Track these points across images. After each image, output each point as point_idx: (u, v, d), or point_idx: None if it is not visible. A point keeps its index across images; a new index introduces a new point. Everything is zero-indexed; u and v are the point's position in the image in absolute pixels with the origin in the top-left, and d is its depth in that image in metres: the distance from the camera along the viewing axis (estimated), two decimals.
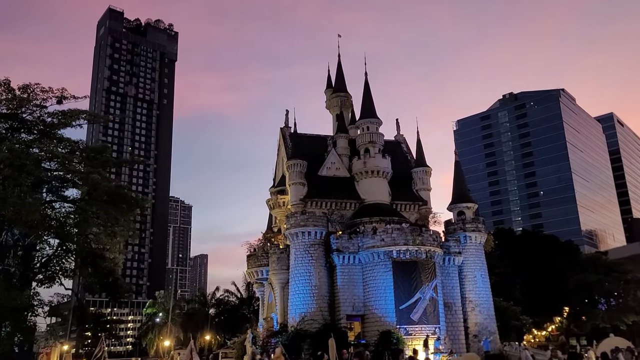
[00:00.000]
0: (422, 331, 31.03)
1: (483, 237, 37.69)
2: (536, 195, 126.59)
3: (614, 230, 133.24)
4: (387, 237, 32.80)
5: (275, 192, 42.13)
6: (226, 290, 64.82)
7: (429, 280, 32.32)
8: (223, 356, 41.83)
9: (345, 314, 33.03)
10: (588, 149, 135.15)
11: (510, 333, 42.70)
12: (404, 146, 44.58)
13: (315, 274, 33.52)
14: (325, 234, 34.70)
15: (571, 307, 55.23)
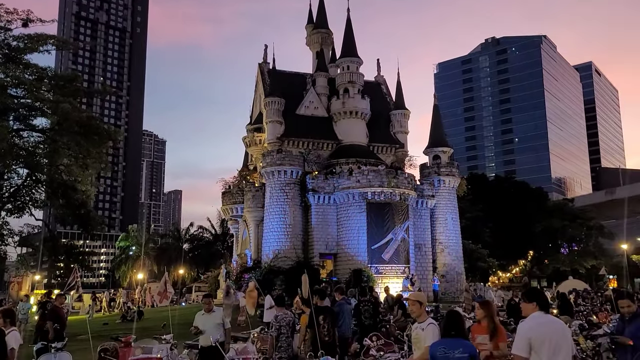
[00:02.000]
0: (392, 270, 31.86)
1: (456, 181, 38.16)
2: (511, 142, 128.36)
3: (582, 179, 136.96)
4: (363, 179, 32.89)
5: (252, 129, 41.48)
6: (200, 227, 65.08)
7: (401, 221, 32.81)
8: (196, 290, 42.45)
9: (319, 252, 33.56)
10: (565, 97, 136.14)
11: (476, 274, 44.26)
12: (384, 87, 43.97)
13: (290, 212, 33.64)
14: (301, 174, 34.57)
15: (536, 251, 57.35)
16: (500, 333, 6.42)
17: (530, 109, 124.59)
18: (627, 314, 6.42)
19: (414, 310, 6.11)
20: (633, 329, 6.14)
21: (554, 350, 4.92)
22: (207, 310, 9.00)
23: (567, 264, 55.21)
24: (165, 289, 7.95)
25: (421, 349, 5.73)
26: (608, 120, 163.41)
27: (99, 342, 9.36)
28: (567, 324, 7.81)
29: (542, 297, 5.34)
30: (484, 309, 6.66)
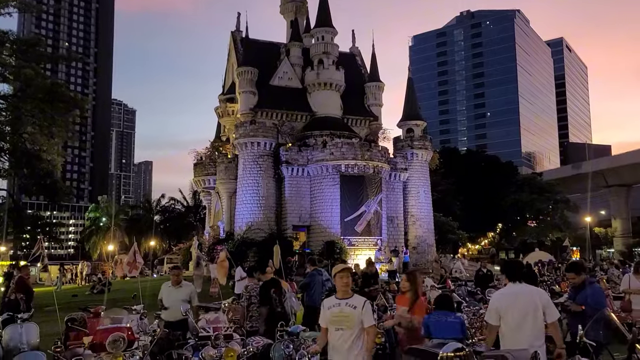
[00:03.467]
0: (365, 242, 32.18)
1: (429, 154, 38.45)
2: (483, 117, 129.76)
3: (550, 153, 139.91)
4: (337, 151, 32.83)
5: (225, 99, 40.75)
6: (172, 198, 64.26)
7: (374, 194, 33.00)
8: (168, 262, 42.20)
9: (292, 224, 33.58)
10: (536, 72, 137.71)
11: (446, 246, 45.09)
12: (359, 59, 43.57)
13: (263, 184, 33.45)
14: (274, 145, 34.28)
15: (504, 224, 58.68)
16: (419, 306, 6.32)
17: (502, 84, 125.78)
18: (575, 284, 6.73)
19: (348, 283, 5.33)
20: (581, 297, 6.48)
21: (521, 318, 5.18)
22: (175, 283, 8.43)
23: (534, 236, 56.71)
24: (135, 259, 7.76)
25: (351, 328, 5.14)
26: (577, 96, 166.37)
27: (67, 314, 9.17)
28: None
29: (510, 269, 5.65)
30: (410, 280, 6.49)
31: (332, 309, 5.27)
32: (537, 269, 26.32)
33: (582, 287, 6.68)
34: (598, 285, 7.15)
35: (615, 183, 69.06)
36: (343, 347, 5.17)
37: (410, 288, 6.36)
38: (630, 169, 66.46)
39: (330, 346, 5.31)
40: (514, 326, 5.21)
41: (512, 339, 5.24)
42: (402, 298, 6.59)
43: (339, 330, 5.18)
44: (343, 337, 5.18)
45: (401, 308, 6.41)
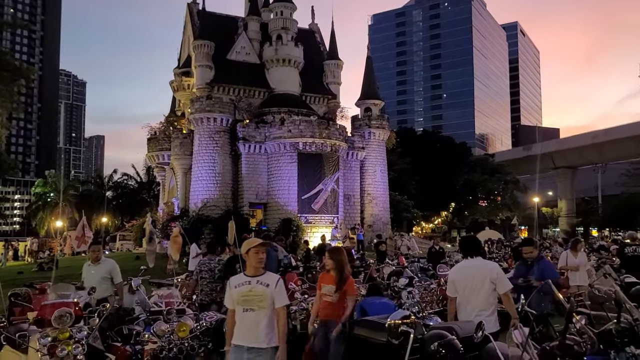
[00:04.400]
0: (321, 220, 32.38)
1: (386, 134, 38.81)
2: (439, 98, 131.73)
3: (502, 135, 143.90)
4: (295, 129, 32.65)
5: (180, 73, 39.68)
6: (125, 174, 62.58)
7: (331, 172, 33.13)
8: (121, 239, 41.24)
9: (249, 202, 33.38)
10: (491, 55, 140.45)
11: (401, 224, 45.92)
12: (318, 36, 43.19)
13: (219, 161, 32.97)
14: (231, 122, 33.76)
15: (457, 203, 60.19)
16: (349, 285, 6.03)
17: (458, 66, 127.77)
18: (529, 258, 6.95)
19: (262, 259, 4.81)
20: (536, 271, 6.64)
21: (471, 290, 5.44)
22: (94, 260, 7.90)
23: (484, 215, 58.44)
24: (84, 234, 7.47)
25: (263, 308, 4.62)
26: (529, 79, 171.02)
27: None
28: None
29: (464, 245, 5.91)
30: (333, 258, 6.09)
31: (241, 287, 4.70)
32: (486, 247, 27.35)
33: (534, 262, 6.91)
34: (547, 260, 7.44)
35: (562, 165, 71.80)
36: (253, 330, 4.63)
37: (334, 266, 6.01)
38: (576, 152, 69.22)
39: (238, 329, 4.72)
40: (466, 298, 5.45)
41: (465, 310, 5.45)
42: (326, 276, 6.21)
43: (249, 311, 4.64)
44: (253, 318, 4.64)
45: (326, 287, 6.05)
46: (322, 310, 6.17)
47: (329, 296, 6.02)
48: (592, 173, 71.65)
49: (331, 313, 6.02)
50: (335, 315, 5.96)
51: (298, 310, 7.59)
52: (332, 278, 6.02)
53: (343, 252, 6.29)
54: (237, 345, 4.67)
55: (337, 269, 6.00)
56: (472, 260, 5.55)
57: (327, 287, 6.08)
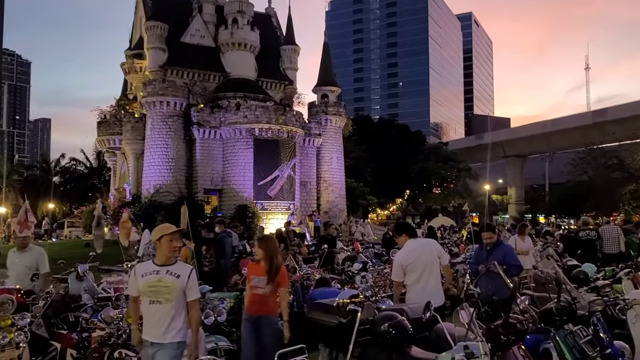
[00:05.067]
0: (277, 206, 32.34)
1: (343, 121, 38.98)
2: (396, 86, 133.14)
3: (456, 124, 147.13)
4: (251, 114, 32.33)
5: (132, 55, 38.42)
6: (73, 159, 60.24)
7: (288, 159, 33.06)
8: (69, 225, 39.87)
9: (203, 188, 32.90)
10: (446, 45, 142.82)
11: (357, 211, 46.40)
12: (274, 20, 42.69)
13: (173, 146, 32.28)
14: (185, 106, 33.07)
15: (412, 190, 61.23)
16: (282, 276, 5.62)
17: (414, 55, 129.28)
18: (489, 244, 7.09)
19: (176, 248, 4.47)
20: (496, 256, 6.80)
21: (429, 270, 5.62)
22: (21, 247, 7.28)
23: (438, 202, 59.75)
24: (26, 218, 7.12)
25: (172, 301, 4.27)
26: (482, 69, 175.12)
27: None
28: None
29: (410, 228, 6.03)
30: (263, 246, 5.69)
31: (148, 277, 4.32)
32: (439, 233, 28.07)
33: (494, 247, 7.02)
34: (507, 245, 7.61)
35: (512, 154, 74.13)
36: (160, 325, 4.27)
37: (264, 255, 5.58)
38: (525, 141, 71.58)
39: (145, 322, 4.41)
40: (424, 278, 5.57)
41: (417, 291, 5.54)
42: (256, 267, 5.72)
43: (155, 303, 4.27)
44: (160, 312, 4.27)
45: (256, 278, 5.57)
46: (251, 305, 5.60)
47: (260, 288, 5.52)
48: (540, 162, 74.34)
49: (262, 307, 5.52)
50: (267, 310, 5.49)
51: None
52: (263, 268, 5.54)
53: (274, 241, 5.91)
54: (145, 339, 4.38)
55: (268, 258, 5.54)
56: (418, 240, 5.69)
57: (257, 279, 5.57)
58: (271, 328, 5.46)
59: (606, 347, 4.54)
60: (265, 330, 5.46)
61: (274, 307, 5.51)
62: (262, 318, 5.49)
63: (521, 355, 3.60)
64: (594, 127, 57.21)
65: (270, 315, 5.51)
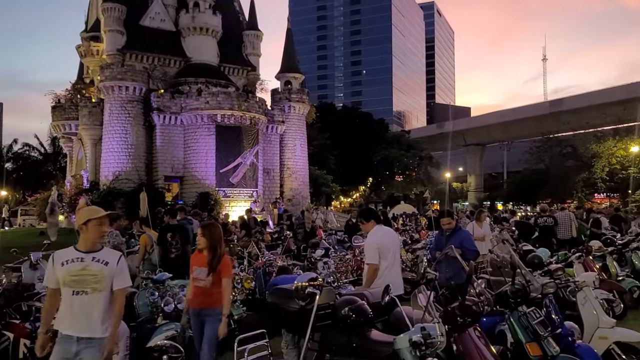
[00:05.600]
0: (240, 194, 32.10)
1: (306, 108, 38.88)
2: (359, 74, 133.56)
3: (418, 113, 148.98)
4: (213, 100, 31.85)
5: (88, 37, 37.14)
6: (26, 144, 58.13)
7: (251, 146, 32.81)
8: (22, 213, 38.55)
9: (164, 175, 32.32)
10: (409, 34, 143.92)
11: (320, 198, 46.57)
12: (237, 5, 41.92)
13: (132, 132, 31.51)
14: (145, 91, 32.28)
15: (375, 178, 61.91)
16: (224, 265, 5.18)
17: (378, 43, 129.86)
18: (447, 229, 7.23)
19: (104, 232, 4.15)
20: (455, 241, 6.94)
21: (393, 254, 5.70)
22: None
23: (400, 190, 60.57)
24: None
25: (99, 291, 3.85)
26: (444, 59, 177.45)
27: None
28: None
29: (376, 214, 5.99)
30: (206, 234, 5.21)
31: (70, 265, 3.86)
32: (401, 220, 28.52)
33: (452, 233, 7.19)
34: (465, 230, 7.79)
35: (472, 142, 75.69)
36: (85, 317, 3.83)
37: (207, 244, 5.15)
38: (485, 129, 73.18)
39: (66, 315, 3.87)
40: (390, 263, 5.63)
41: (388, 275, 5.59)
42: (198, 257, 5.28)
43: (81, 294, 3.82)
44: (88, 303, 3.83)
45: (198, 269, 5.17)
46: (194, 297, 5.21)
47: (201, 280, 5.11)
48: (499, 150, 76.25)
49: (205, 300, 5.12)
50: (211, 303, 5.08)
51: None
52: (205, 258, 5.13)
53: (218, 228, 5.41)
54: (66, 335, 3.84)
55: (211, 247, 5.12)
56: (382, 227, 5.75)
57: (199, 270, 5.16)
58: (217, 321, 5.09)
59: (557, 327, 4.71)
60: (210, 324, 5.10)
61: (218, 299, 5.10)
62: (205, 311, 5.12)
63: (477, 336, 3.70)
64: (551, 116, 58.94)
65: (215, 308, 5.11)
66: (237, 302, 7.46)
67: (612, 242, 10.81)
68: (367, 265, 5.74)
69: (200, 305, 5.17)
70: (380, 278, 5.55)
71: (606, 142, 41.32)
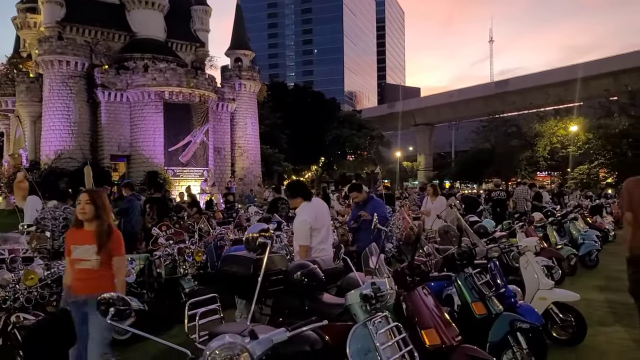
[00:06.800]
0: (190, 173, 31.51)
1: (257, 86, 38.40)
2: (311, 53, 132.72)
3: (369, 93, 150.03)
4: (160, 77, 30.92)
5: (24, 9, 35.13)
6: None
7: (200, 124, 32.16)
8: None
9: (110, 154, 31.31)
10: (360, 14, 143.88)
11: (272, 177, 46.38)
12: None
13: (75, 109, 30.22)
14: (88, 66, 30.95)
15: (326, 157, 62.11)
16: (116, 240, 4.26)
17: (329, 22, 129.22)
18: (360, 201, 7.54)
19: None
20: (367, 210, 7.24)
21: (327, 230, 5.67)
22: None
23: (352, 169, 61.10)
24: None
25: None
26: (394, 39, 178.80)
27: None
28: None
29: (305, 190, 5.84)
30: (93, 202, 4.23)
31: None
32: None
33: (365, 203, 7.47)
34: (378, 199, 8.06)
35: (421, 122, 77.03)
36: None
37: (94, 214, 4.22)
38: (434, 109, 74.60)
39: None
40: (323, 238, 5.59)
41: (322, 251, 5.57)
42: (77, 233, 4.31)
43: None
44: None
45: (80, 248, 4.19)
46: (76, 283, 4.23)
47: (86, 261, 4.17)
48: (447, 130, 77.93)
49: (92, 285, 4.10)
50: (97, 288, 3.84)
51: (162, 256, 7.37)
52: (88, 234, 4.21)
53: (104, 195, 4.47)
54: None
55: (97, 217, 4.22)
56: (312, 202, 5.70)
57: (82, 249, 4.20)
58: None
59: (501, 288, 4.92)
60: (98, 315, 3.32)
61: (109, 284, 4.13)
62: (91, 298, 3.92)
63: (424, 293, 3.81)
64: (497, 97, 60.68)
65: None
66: (189, 276, 7.37)
67: (552, 214, 11.33)
68: (298, 246, 5.53)
69: (86, 291, 4.13)
70: (318, 253, 5.48)
71: (548, 121, 42.98)
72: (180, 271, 7.29)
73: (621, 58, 52.10)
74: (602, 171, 38.79)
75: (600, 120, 38.10)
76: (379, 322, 2.98)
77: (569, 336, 5.71)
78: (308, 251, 5.44)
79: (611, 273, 9.78)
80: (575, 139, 40.03)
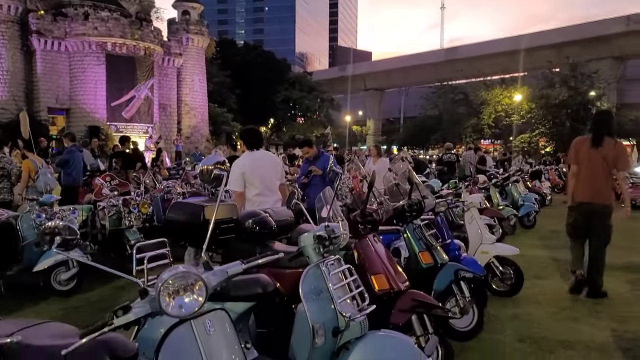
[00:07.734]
0: (134, 129, 30.44)
1: (206, 41, 37.18)
2: (261, 11, 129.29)
3: (320, 55, 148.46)
4: (102, 26, 29.34)
5: None
6: None
7: (145, 78, 30.98)
8: None
9: (47, 107, 29.69)
10: None
11: (221, 136, 45.56)
12: None
13: (7, 56, 28.28)
14: (22, 11, 28.89)
15: (276, 119, 61.51)
16: None
17: None
18: (310, 157, 7.58)
19: None
20: (319, 165, 7.33)
21: (266, 183, 5.43)
22: None
23: (302, 132, 60.82)
24: None
25: None
26: (347, 2, 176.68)
27: None
28: None
29: (249, 137, 5.63)
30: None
31: None
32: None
33: (316, 158, 7.52)
34: (327, 154, 8.11)
35: (372, 87, 77.33)
36: None
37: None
38: (385, 74, 74.92)
39: None
40: (260, 191, 5.42)
41: (261, 204, 5.36)
42: None
43: None
44: None
45: None
46: None
47: None
48: (397, 95, 78.52)
49: None
50: None
51: (107, 207, 7.13)
52: None
53: None
54: None
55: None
56: (258, 152, 5.56)
57: None
58: None
59: (447, 239, 5.08)
60: None
61: None
62: None
63: (375, 241, 3.86)
64: (447, 64, 61.46)
65: None
66: (134, 228, 7.17)
67: (495, 177, 11.77)
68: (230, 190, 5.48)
69: None
70: (253, 206, 5.26)
71: (493, 90, 44.09)
72: (126, 223, 7.09)
73: (564, 30, 53.81)
74: (542, 140, 40.41)
75: (542, 90, 39.40)
76: (331, 264, 2.99)
77: (507, 288, 6.01)
78: (240, 198, 5.31)
79: (547, 233, 10.36)
80: (519, 108, 41.35)
